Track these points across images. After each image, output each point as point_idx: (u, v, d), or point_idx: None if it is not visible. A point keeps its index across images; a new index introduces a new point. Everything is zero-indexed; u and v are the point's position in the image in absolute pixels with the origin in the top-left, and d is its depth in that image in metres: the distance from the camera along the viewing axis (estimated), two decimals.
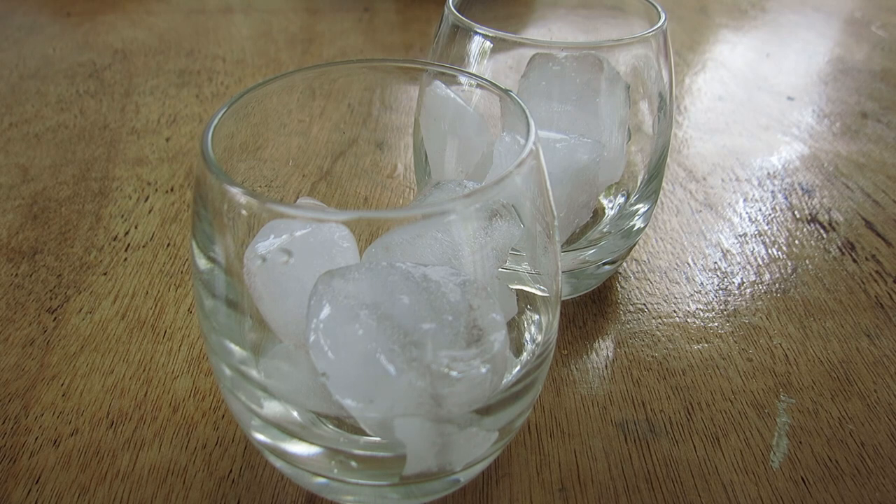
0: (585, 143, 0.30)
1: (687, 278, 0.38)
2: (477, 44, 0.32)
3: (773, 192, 0.46)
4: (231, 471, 0.27)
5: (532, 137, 0.21)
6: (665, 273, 0.39)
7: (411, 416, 0.20)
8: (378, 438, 0.22)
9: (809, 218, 0.44)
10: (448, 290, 0.20)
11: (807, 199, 0.46)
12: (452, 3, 0.33)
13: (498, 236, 0.24)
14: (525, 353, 0.26)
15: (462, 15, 0.32)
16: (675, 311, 0.36)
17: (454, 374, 0.20)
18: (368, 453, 0.23)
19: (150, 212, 0.43)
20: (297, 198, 0.32)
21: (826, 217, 0.44)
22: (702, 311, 0.36)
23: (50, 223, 0.42)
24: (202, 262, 0.23)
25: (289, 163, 0.31)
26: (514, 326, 0.26)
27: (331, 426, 0.24)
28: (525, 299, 0.27)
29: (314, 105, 0.29)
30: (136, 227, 0.42)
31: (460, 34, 0.32)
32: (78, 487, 0.27)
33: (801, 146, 0.53)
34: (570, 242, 0.34)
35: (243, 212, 0.20)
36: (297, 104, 0.28)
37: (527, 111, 0.23)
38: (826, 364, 0.33)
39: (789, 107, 0.59)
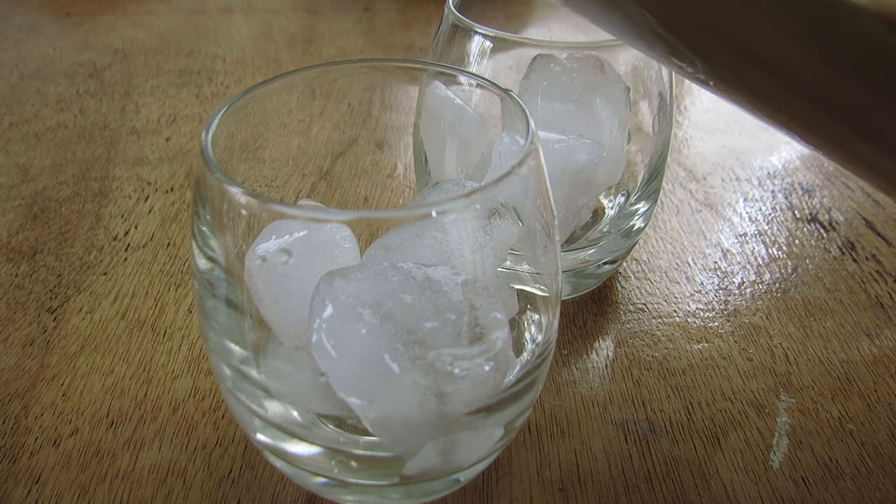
0: (584, 143, 0.30)
1: (687, 278, 0.38)
2: (477, 44, 0.32)
3: (773, 191, 0.46)
4: (231, 471, 0.27)
5: (531, 137, 0.21)
6: (665, 273, 0.39)
7: (413, 415, 0.20)
8: (378, 438, 0.22)
9: (809, 217, 0.44)
10: (449, 290, 0.20)
11: (807, 198, 0.46)
12: (452, 3, 0.33)
13: (497, 235, 0.24)
14: (525, 353, 0.26)
15: (462, 15, 0.32)
16: (675, 311, 0.36)
17: (458, 371, 0.20)
18: (368, 453, 0.23)
19: (150, 212, 0.43)
20: (297, 198, 0.32)
21: (826, 217, 0.44)
22: (702, 310, 0.36)
23: (50, 223, 0.42)
24: (202, 263, 0.23)
25: (289, 163, 0.31)
26: (514, 326, 0.26)
27: (331, 426, 0.24)
28: (525, 299, 0.27)
29: (314, 105, 0.29)
30: (136, 227, 0.42)
31: (460, 34, 0.32)
32: (78, 487, 0.27)
33: (801, 146, 0.53)
34: (570, 242, 0.34)
35: (243, 212, 0.20)
36: (297, 104, 0.28)
37: (527, 111, 0.23)
38: (826, 364, 0.33)
39: None
